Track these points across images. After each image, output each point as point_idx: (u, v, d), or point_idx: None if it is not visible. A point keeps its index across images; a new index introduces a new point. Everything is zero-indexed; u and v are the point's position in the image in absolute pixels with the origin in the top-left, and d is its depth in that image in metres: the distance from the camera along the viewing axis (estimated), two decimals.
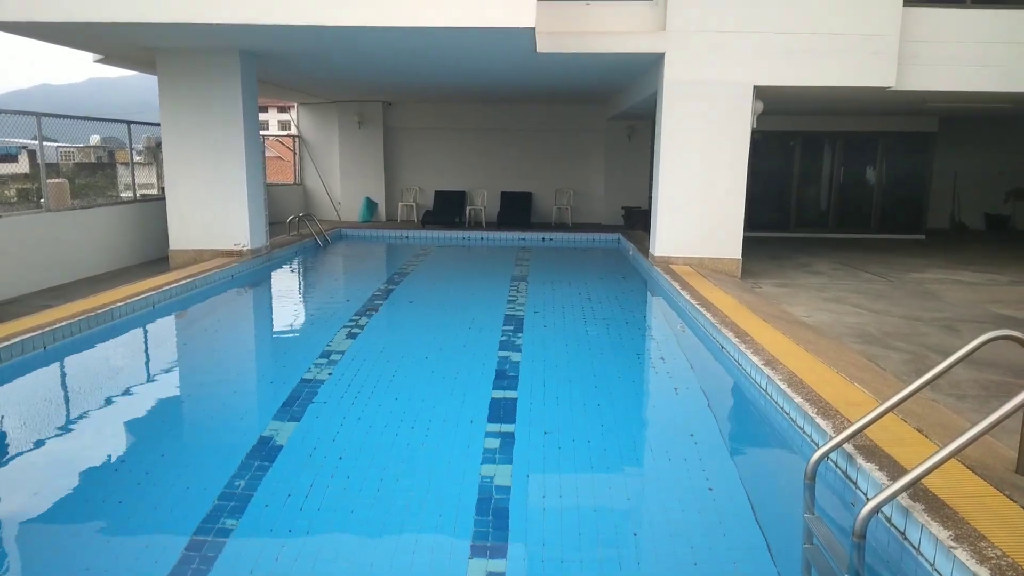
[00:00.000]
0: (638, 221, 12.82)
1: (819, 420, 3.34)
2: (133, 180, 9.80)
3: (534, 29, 6.62)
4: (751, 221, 9.21)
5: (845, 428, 2.92)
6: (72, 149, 10.26)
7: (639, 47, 7.98)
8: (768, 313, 5.96)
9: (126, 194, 9.83)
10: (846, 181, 13.11)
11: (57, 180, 8.25)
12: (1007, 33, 7.93)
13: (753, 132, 8.23)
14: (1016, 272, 8.77)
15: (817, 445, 3.24)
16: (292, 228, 11.62)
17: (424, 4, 6.46)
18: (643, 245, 9.92)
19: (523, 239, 12.59)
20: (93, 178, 10.47)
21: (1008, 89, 8.08)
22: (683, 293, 6.76)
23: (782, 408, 3.83)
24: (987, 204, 14.00)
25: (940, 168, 13.43)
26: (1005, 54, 7.96)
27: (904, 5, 7.71)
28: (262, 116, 18.99)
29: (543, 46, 7.80)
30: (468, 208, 14.33)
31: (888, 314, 6.28)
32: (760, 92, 8.13)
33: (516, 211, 14.05)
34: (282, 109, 29.42)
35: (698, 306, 6.14)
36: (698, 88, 8.01)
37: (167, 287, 6.82)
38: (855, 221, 13.10)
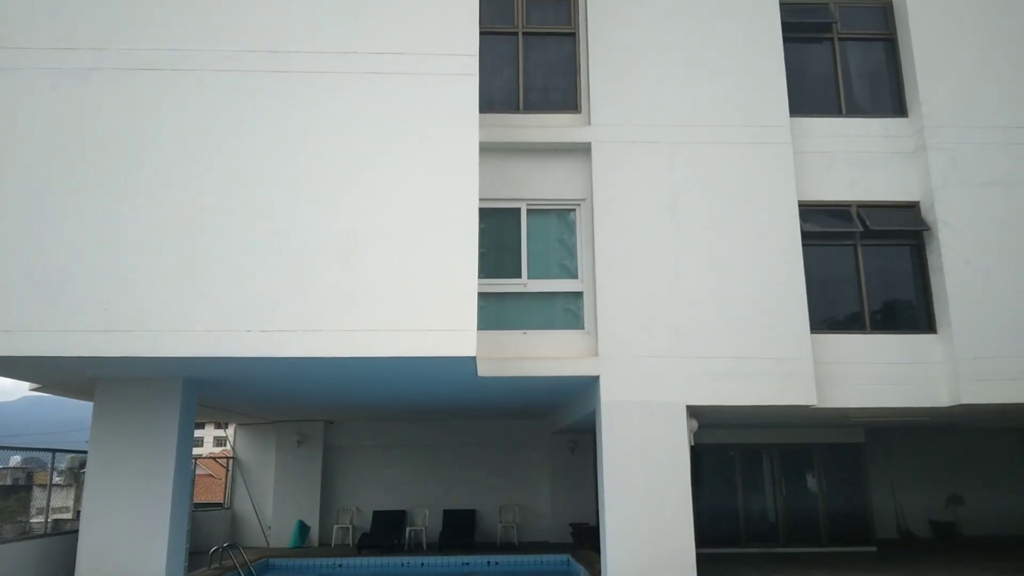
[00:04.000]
0: (587, 539, 12.33)
1: None
2: (48, 506, 9.16)
3: (475, 357, 6.96)
4: (701, 537, 8.96)
5: None
6: None
7: (575, 371, 8.38)
8: None
9: (37, 519, 9.13)
10: (789, 493, 13.16)
11: None
12: (910, 355, 8.68)
13: (693, 447, 8.38)
14: None
15: None
16: (215, 560, 10.72)
17: (376, 336, 6.80)
18: (595, 568, 9.41)
19: (467, 563, 11.85)
20: (5, 502, 9.77)
21: (921, 404, 8.62)
22: None
23: None
24: (930, 511, 14.09)
25: (876, 477, 13.70)
26: (913, 373, 8.63)
27: (811, 332, 8.46)
28: (197, 432, 18.60)
29: (484, 370, 8.12)
30: (408, 529, 13.64)
31: None
32: (693, 411, 8.45)
33: (459, 531, 13.42)
34: (219, 425, 29.06)
35: None
36: (634, 408, 8.29)
37: None
38: (805, 534, 12.88)
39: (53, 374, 8.00)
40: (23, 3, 7.41)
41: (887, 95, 9.60)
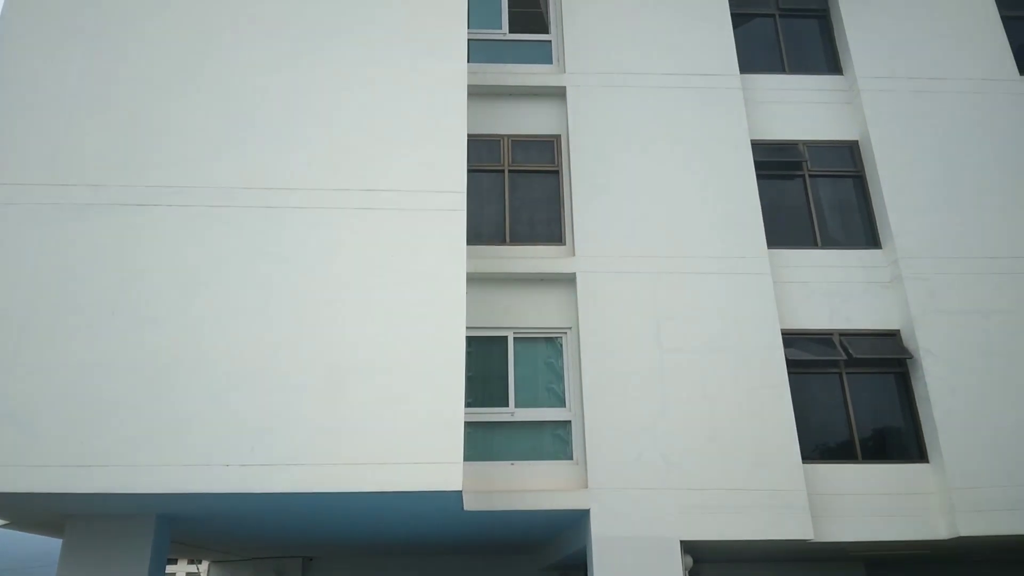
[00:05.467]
0: None
1: None
2: None
3: (461, 491, 6.78)
4: None
5: None
6: None
7: (565, 504, 8.16)
8: None
9: None
10: None
11: None
12: (904, 485, 8.54)
13: None
14: None
15: None
16: None
17: (359, 470, 6.64)
18: None
19: None
20: None
21: (919, 537, 8.39)
22: None
23: None
24: None
25: None
26: (908, 504, 8.46)
27: (803, 462, 8.35)
28: (169, 568, 17.67)
29: (470, 504, 7.89)
30: None
31: None
32: (687, 546, 8.17)
33: None
34: (192, 561, 27.66)
35: None
36: (626, 544, 8.01)
37: None
38: None
39: (24, 510, 7.68)
40: (24, 140, 7.71)
41: (860, 228, 9.97)
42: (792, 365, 8.81)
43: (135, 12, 8.36)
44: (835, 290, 9.40)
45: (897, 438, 9.09)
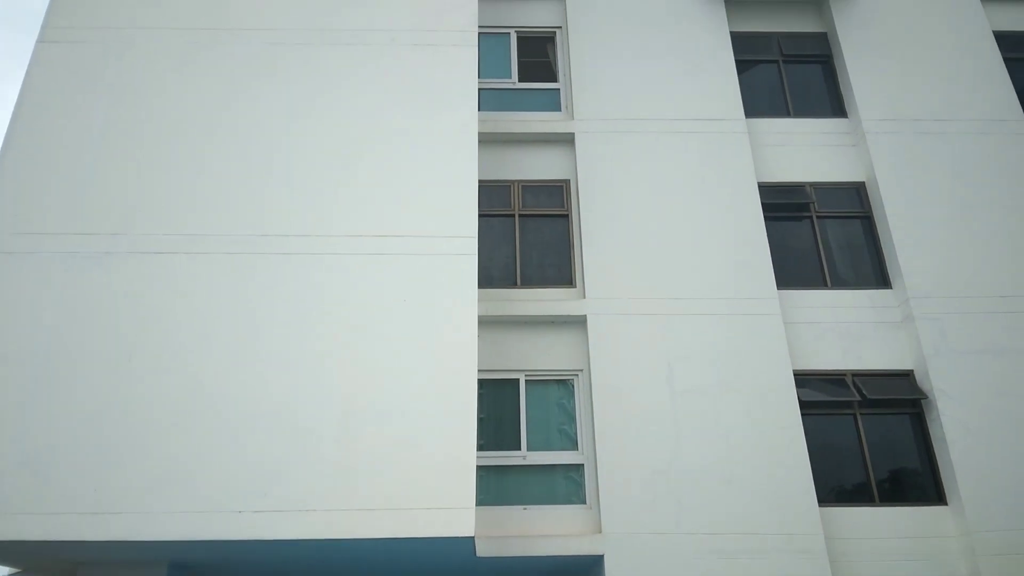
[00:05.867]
0: None
1: None
2: None
3: (473, 538, 6.75)
4: None
5: None
6: None
7: (579, 550, 8.06)
8: None
9: None
10: None
11: None
12: (923, 529, 8.40)
13: None
14: None
15: None
16: None
17: (372, 516, 6.63)
18: None
19: None
20: None
21: None
22: None
23: None
24: None
25: None
26: (928, 548, 8.31)
27: (819, 505, 8.25)
28: None
29: (483, 550, 7.82)
30: None
31: None
32: None
33: None
34: None
35: None
36: None
37: None
38: None
39: (36, 558, 7.67)
40: (47, 190, 7.92)
41: (870, 268, 9.99)
42: (805, 406, 8.76)
43: (156, 66, 8.66)
44: (846, 330, 9.39)
45: (914, 480, 8.97)
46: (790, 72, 11.37)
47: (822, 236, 10.15)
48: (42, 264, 7.54)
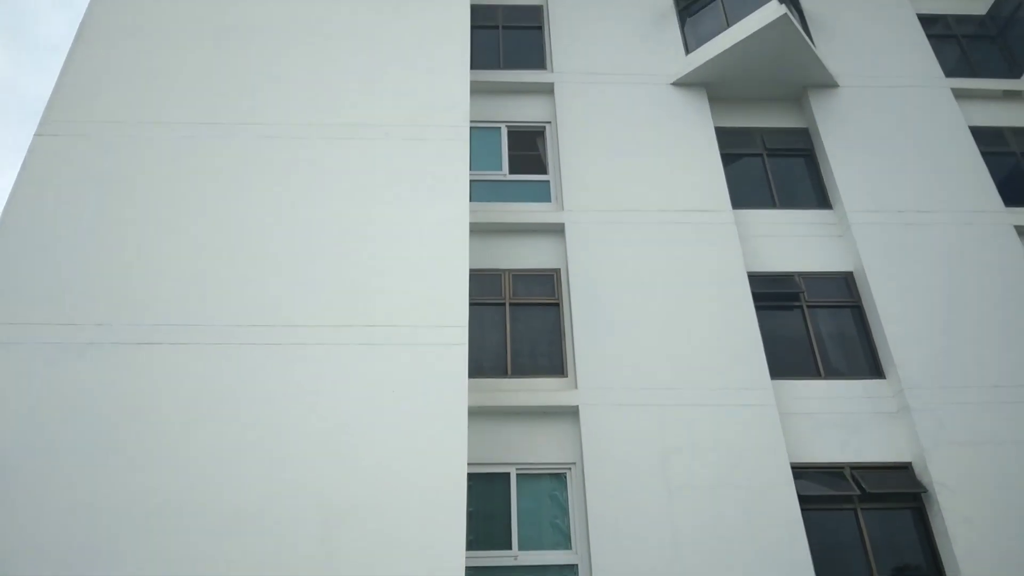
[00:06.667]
0: None
1: None
2: None
3: None
4: None
5: None
6: None
7: None
8: None
9: None
10: None
11: None
12: None
13: None
14: None
15: None
16: None
17: None
18: None
19: None
20: None
21: None
22: None
23: None
24: None
25: None
26: None
27: None
28: None
29: None
30: None
31: None
32: None
33: None
34: None
35: None
36: None
37: None
38: None
39: None
40: (32, 281, 7.85)
41: (862, 357, 9.94)
42: (805, 501, 8.52)
43: (151, 159, 8.78)
44: (843, 421, 9.25)
45: None
46: (774, 165, 11.65)
47: (813, 325, 10.14)
48: (24, 356, 7.39)
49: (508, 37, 12.86)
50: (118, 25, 9.98)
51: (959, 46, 13.25)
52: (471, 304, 8.28)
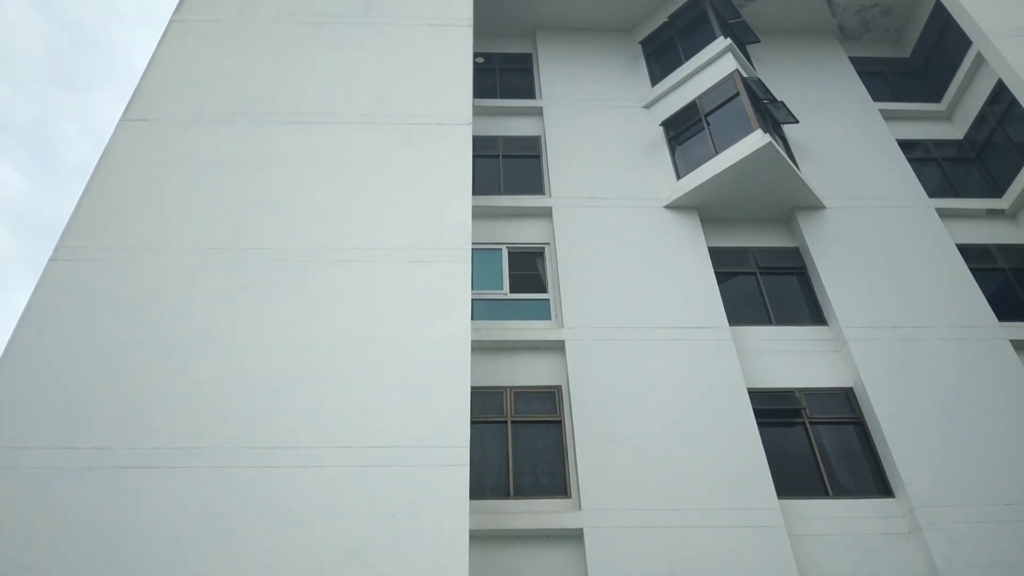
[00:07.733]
0: None
1: None
2: None
3: None
4: None
5: None
6: None
7: None
8: None
9: None
10: None
11: None
12: None
13: None
14: None
15: None
16: None
17: None
18: None
19: None
20: None
21: None
22: None
23: None
24: None
25: None
26: None
27: None
28: None
29: None
30: None
31: None
32: None
33: None
34: None
35: None
36: None
37: None
38: None
39: None
40: (32, 405, 7.84)
41: (868, 474, 9.77)
42: None
43: (160, 283, 8.98)
44: (854, 542, 8.98)
45: None
46: (768, 283, 11.92)
47: (817, 443, 10.03)
48: (21, 480, 7.29)
49: (508, 165, 13.49)
50: (137, 155, 10.47)
51: (940, 168, 13.86)
52: (472, 422, 8.24)
